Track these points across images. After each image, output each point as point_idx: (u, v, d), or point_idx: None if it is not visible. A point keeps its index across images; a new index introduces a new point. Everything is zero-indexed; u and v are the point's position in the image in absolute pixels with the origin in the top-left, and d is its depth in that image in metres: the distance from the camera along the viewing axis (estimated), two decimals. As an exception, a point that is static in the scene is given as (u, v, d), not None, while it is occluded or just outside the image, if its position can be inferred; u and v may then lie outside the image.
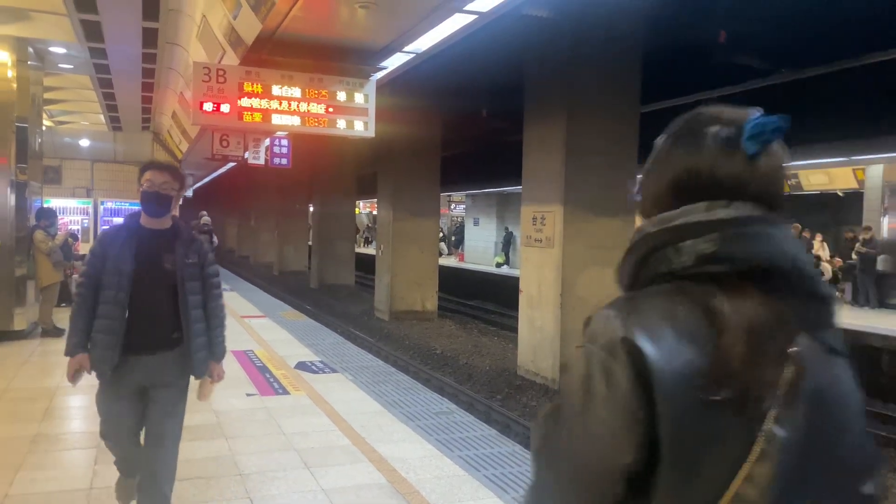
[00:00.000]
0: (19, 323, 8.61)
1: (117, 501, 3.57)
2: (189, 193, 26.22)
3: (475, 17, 6.06)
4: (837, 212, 19.74)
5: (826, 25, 9.60)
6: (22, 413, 5.49)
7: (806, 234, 16.00)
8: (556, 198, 10.27)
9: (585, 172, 10.25)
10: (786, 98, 11.64)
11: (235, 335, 9.43)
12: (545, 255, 10.54)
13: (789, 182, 18.31)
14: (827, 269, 15.54)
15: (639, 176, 1.15)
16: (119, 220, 16.86)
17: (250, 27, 6.66)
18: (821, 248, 16.01)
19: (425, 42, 6.98)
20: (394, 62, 7.83)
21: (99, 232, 15.69)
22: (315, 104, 7.58)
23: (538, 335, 10.69)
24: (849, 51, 10.04)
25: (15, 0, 7.99)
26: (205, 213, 13.80)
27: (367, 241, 41.13)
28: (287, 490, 4.07)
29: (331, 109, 7.66)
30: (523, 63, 11.16)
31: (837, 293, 15.32)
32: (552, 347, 10.29)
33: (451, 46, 7.15)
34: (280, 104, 7.45)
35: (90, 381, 3.49)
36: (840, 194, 18.40)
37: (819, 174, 17.47)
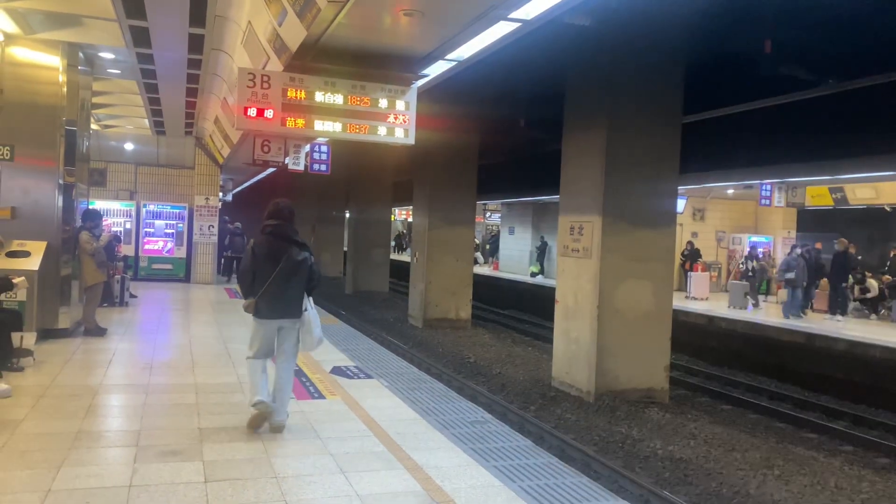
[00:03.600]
0: (63, 322, 8.78)
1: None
2: (228, 198, 26.60)
3: (518, 24, 6.04)
4: (885, 227, 19.24)
5: (875, 35, 9.36)
6: (65, 410, 5.60)
7: (852, 249, 15.59)
8: (595, 208, 10.17)
9: (625, 183, 10.14)
10: (832, 110, 11.37)
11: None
12: (582, 265, 10.44)
13: (834, 196, 17.91)
14: (873, 285, 15.14)
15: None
16: (161, 223, 17.33)
17: (295, 34, 6.72)
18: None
19: (467, 50, 6.96)
20: (435, 70, 7.83)
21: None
22: (357, 111, 7.63)
23: (573, 347, 10.57)
24: (899, 61, 9.76)
25: (68, 6, 8.20)
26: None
27: (401, 248, 41.27)
28: (323, 494, 4.06)
29: (372, 116, 7.71)
30: (564, 72, 11.09)
31: (883, 311, 14.91)
32: (588, 359, 10.16)
33: (492, 55, 7.12)
34: (322, 110, 7.51)
35: (126, 379, 3.32)
36: (887, 209, 17.92)
37: (866, 188, 17.05)
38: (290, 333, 5.33)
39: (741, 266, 17.87)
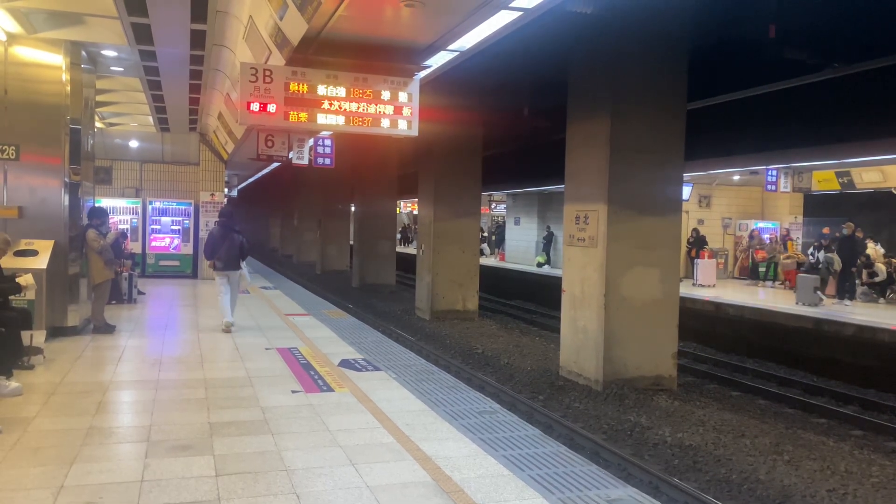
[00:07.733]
0: (73, 319, 8.85)
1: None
2: (234, 193, 26.64)
3: (520, 13, 6.02)
4: (892, 210, 19.13)
5: (880, 17, 9.28)
6: (76, 407, 5.64)
7: (859, 234, 15.54)
8: (600, 196, 10.14)
9: (630, 171, 10.10)
10: (838, 93, 11.29)
11: (280, 332, 9.54)
12: (588, 254, 10.42)
13: (841, 180, 17.81)
14: (881, 269, 15.07)
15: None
16: (167, 220, 17.54)
17: (296, 27, 6.72)
18: (873, 250, 15.61)
19: (469, 40, 6.95)
20: (437, 61, 7.82)
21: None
22: (359, 103, 7.63)
23: (581, 336, 10.57)
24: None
25: (69, 5, 8.22)
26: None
27: (407, 241, 41.29)
28: (333, 486, 4.08)
29: (375, 108, 7.70)
30: (567, 60, 11.04)
31: (891, 295, 14.85)
32: (596, 348, 10.16)
33: (494, 44, 7.11)
34: (325, 104, 7.51)
35: (135, 375, 3.42)
36: (895, 192, 17.81)
37: (873, 171, 16.95)
38: (233, 278, 9.68)
39: (809, 257, 17.09)
